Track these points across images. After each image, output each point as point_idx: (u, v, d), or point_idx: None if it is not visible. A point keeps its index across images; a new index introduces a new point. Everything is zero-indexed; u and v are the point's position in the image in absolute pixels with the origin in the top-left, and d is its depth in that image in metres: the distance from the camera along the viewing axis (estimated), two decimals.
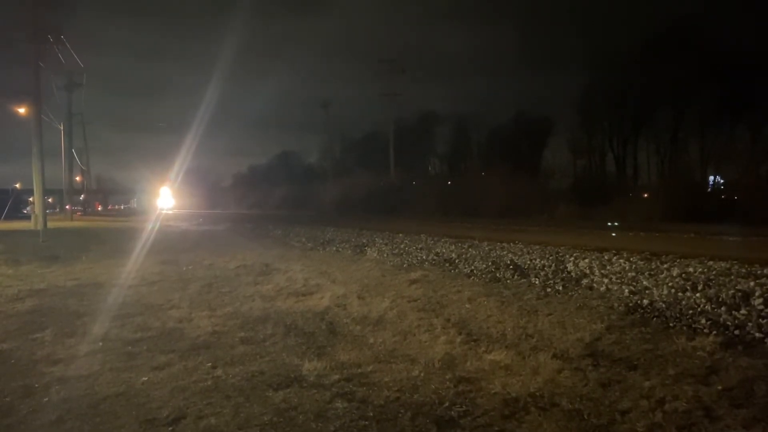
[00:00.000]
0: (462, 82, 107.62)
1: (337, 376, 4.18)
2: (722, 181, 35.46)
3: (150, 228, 24.02)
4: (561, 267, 9.12)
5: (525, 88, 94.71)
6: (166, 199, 55.39)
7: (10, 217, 37.85)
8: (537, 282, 8.06)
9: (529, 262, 9.81)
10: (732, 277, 7.53)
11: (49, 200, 51.64)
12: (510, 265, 9.65)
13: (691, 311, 5.90)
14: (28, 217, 34.28)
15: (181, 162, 45.58)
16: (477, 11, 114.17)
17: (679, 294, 6.63)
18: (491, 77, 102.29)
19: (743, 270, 8.03)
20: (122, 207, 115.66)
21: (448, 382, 4.03)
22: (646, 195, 36.05)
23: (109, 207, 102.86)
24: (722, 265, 8.56)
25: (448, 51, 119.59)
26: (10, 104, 33.46)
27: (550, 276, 8.42)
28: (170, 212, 55.38)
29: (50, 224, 27.58)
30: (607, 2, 77.83)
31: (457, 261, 10.66)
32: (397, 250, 12.95)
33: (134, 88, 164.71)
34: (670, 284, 7.19)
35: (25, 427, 3.43)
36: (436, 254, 11.80)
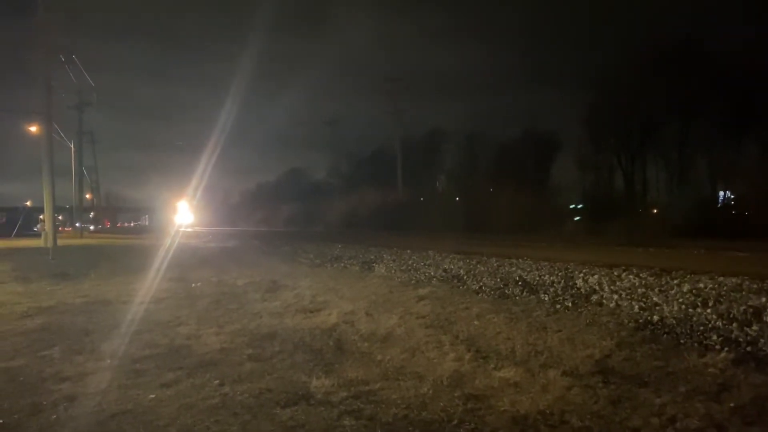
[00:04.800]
0: (468, 99, 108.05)
1: (344, 394, 4.16)
2: (732, 196, 35.24)
3: (159, 245, 24.10)
4: (570, 283, 9.07)
5: (532, 104, 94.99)
6: (184, 215, 54.63)
7: (20, 235, 38.14)
8: (546, 298, 8.01)
9: (538, 279, 9.76)
10: (743, 292, 7.45)
11: (59, 218, 51.84)
12: (519, 281, 9.61)
13: (702, 327, 5.84)
14: (38, 235, 34.51)
15: (198, 178, 45.47)
16: (481, 29, 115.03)
17: (690, 310, 6.57)
18: (498, 94, 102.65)
19: (755, 286, 7.94)
20: (132, 224, 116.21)
21: (456, 400, 4.00)
22: (655, 210, 35.90)
23: (118, 224, 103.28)
24: (733, 280, 8.48)
25: (454, 69, 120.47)
26: (21, 123, 33.86)
27: (560, 292, 8.37)
28: (189, 229, 54.96)
29: (60, 242, 27.74)
30: (612, 18, 78.17)
31: (465, 277, 10.62)
32: (404, 267, 12.92)
33: (145, 109, 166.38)
34: (680, 300, 7.12)
35: None
36: (444, 270, 11.76)
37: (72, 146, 46.66)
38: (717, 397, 3.88)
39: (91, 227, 74.74)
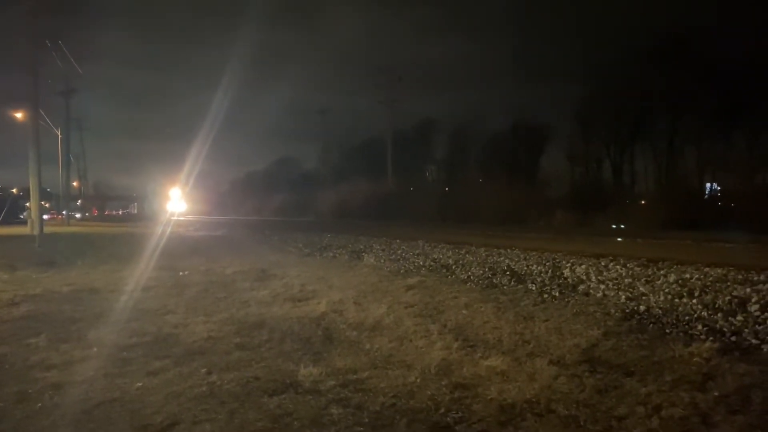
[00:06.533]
0: (459, 91, 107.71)
1: (332, 382, 4.16)
2: (719, 188, 35.54)
3: (148, 233, 23.95)
4: (558, 273, 9.12)
5: (522, 96, 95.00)
6: (177, 203, 53.37)
7: (6, 222, 37.78)
8: (534, 288, 8.06)
9: (525, 268, 9.81)
10: (728, 283, 7.53)
11: (46, 205, 51.24)
12: (507, 271, 9.65)
13: (687, 317, 5.90)
14: (24, 222, 34.19)
15: (190, 166, 44.76)
16: (472, 22, 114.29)
17: (676, 300, 6.63)
18: (488, 86, 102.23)
19: (740, 276, 8.04)
20: (120, 212, 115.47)
21: (444, 388, 4.01)
22: (642, 202, 36.13)
23: (106, 212, 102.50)
24: (719, 271, 8.57)
25: (445, 61, 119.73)
26: (7, 110, 33.45)
27: (547, 282, 8.42)
28: (181, 218, 54.14)
29: (47, 229, 27.51)
30: (603, 12, 78.18)
31: (454, 267, 10.65)
32: (394, 256, 12.94)
33: (135, 97, 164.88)
34: (666, 290, 7.19)
35: None
36: (433, 260, 11.79)
37: (59, 133, 46.13)
38: (702, 386, 3.92)
39: (77, 215, 74.08)
